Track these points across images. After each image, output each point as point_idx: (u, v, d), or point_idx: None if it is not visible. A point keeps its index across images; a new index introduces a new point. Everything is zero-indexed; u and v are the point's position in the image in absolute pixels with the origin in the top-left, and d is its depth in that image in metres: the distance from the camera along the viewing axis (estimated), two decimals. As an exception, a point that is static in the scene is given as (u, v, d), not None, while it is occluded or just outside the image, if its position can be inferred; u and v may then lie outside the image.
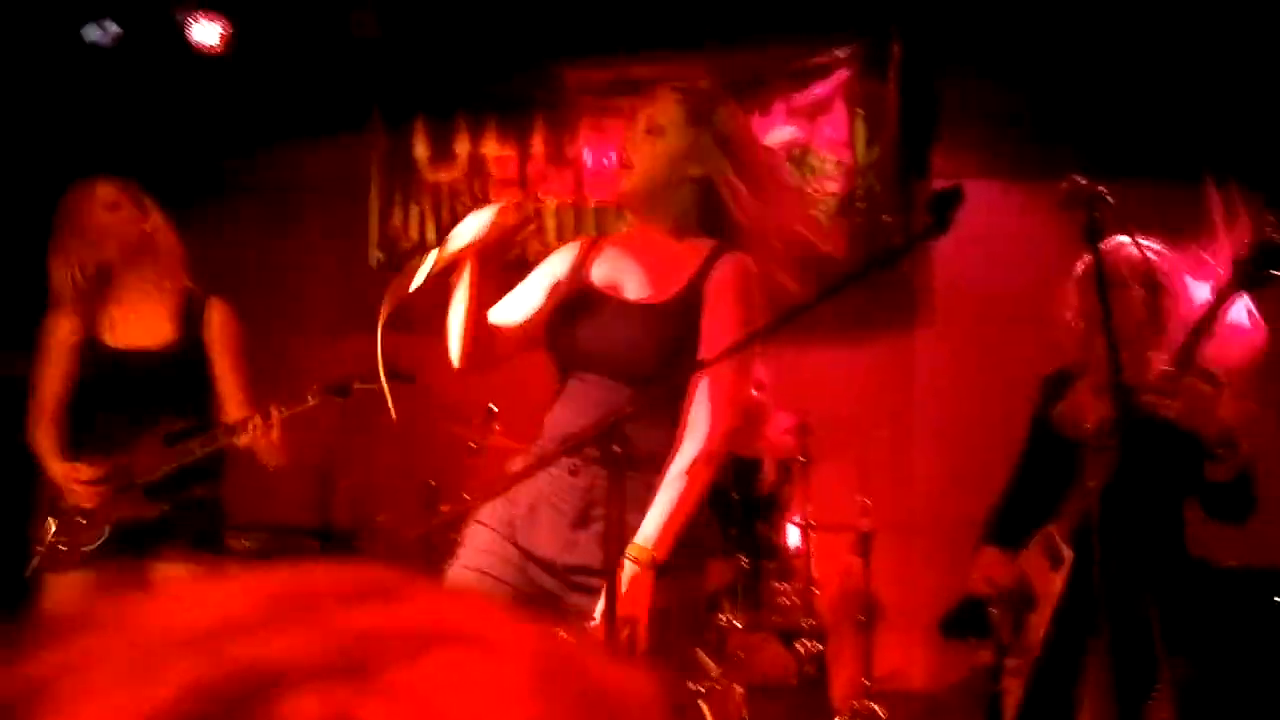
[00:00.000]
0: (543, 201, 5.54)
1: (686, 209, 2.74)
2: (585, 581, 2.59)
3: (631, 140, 2.77)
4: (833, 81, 5.58)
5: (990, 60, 5.33)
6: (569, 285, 2.81)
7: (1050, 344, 3.54)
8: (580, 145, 5.89)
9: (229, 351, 3.72)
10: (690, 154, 2.70)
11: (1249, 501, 3.13)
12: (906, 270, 5.45)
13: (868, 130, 5.54)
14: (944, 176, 5.12)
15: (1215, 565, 4.05)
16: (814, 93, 5.59)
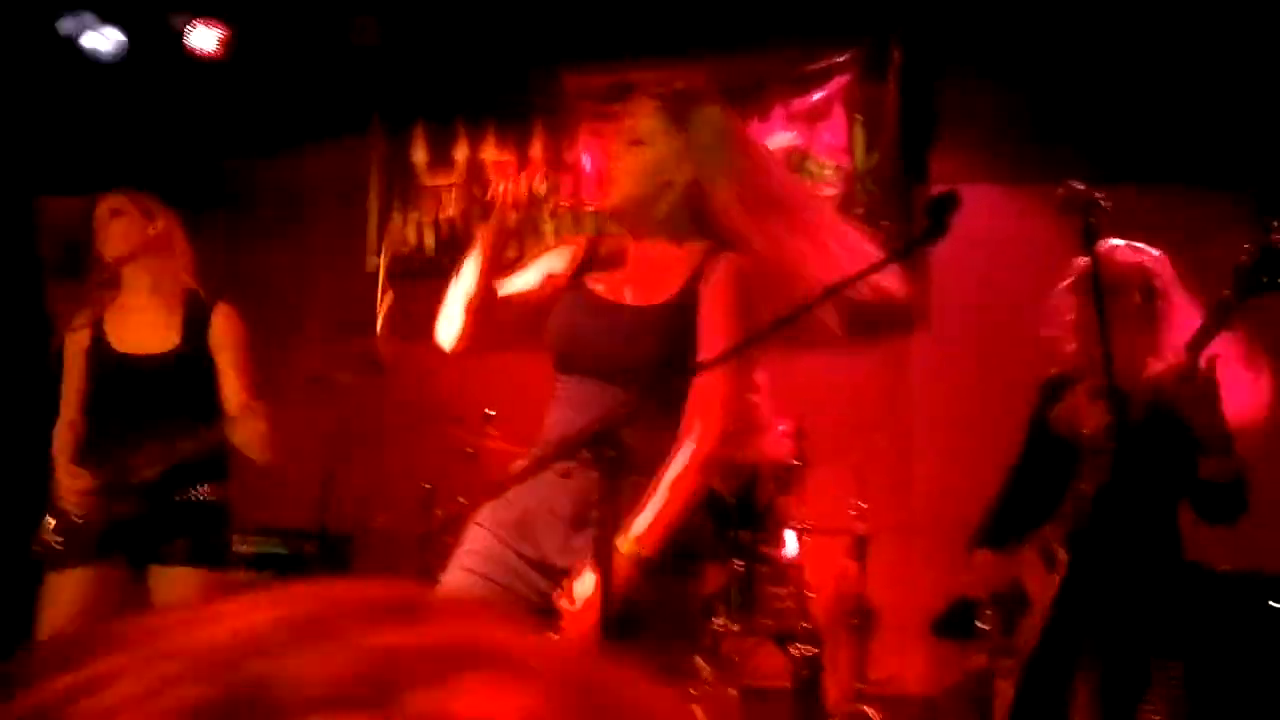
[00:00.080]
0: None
1: (676, 216, 2.72)
2: None
3: (615, 153, 2.76)
4: (832, 87, 5.59)
5: (989, 65, 5.35)
6: (565, 280, 2.82)
7: (1046, 348, 3.55)
8: (579, 150, 5.90)
9: (232, 354, 3.74)
10: (673, 162, 2.68)
11: (1240, 503, 3.14)
12: (904, 273, 5.44)
13: (866, 135, 5.55)
14: (943, 181, 5.13)
15: (1211, 570, 4.06)
16: (813, 98, 5.61)
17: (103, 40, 5.49)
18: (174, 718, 0.39)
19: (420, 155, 6.09)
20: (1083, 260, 3.06)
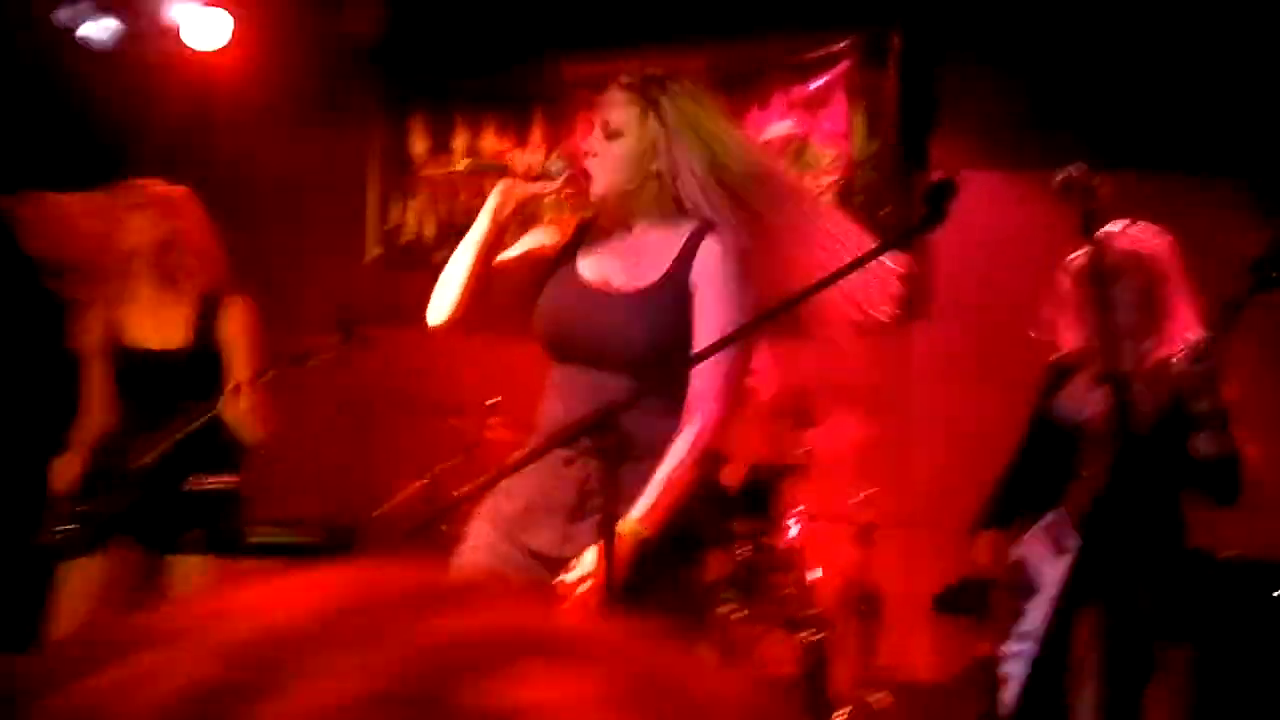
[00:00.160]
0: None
1: (661, 201, 2.71)
2: None
3: (593, 147, 2.75)
4: (832, 74, 5.57)
5: (989, 51, 5.32)
6: (552, 260, 2.81)
7: (1043, 332, 3.54)
8: (578, 139, 5.89)
9: (242, 348, 3.76)
10: (652, 151, 2.67)
11: (1235, 483, 3.13)
12: (906, 261, 5.43)
13: (867, 122, 5.53)
14: (943, 168, 5.11)
15: (1216, 556, 4.05)
16: (813, 85, 5.58)
17: (99, 29, 5.49)
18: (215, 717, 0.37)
19: (419, 144, 6.08)
20: (1085, 246, 3.05)
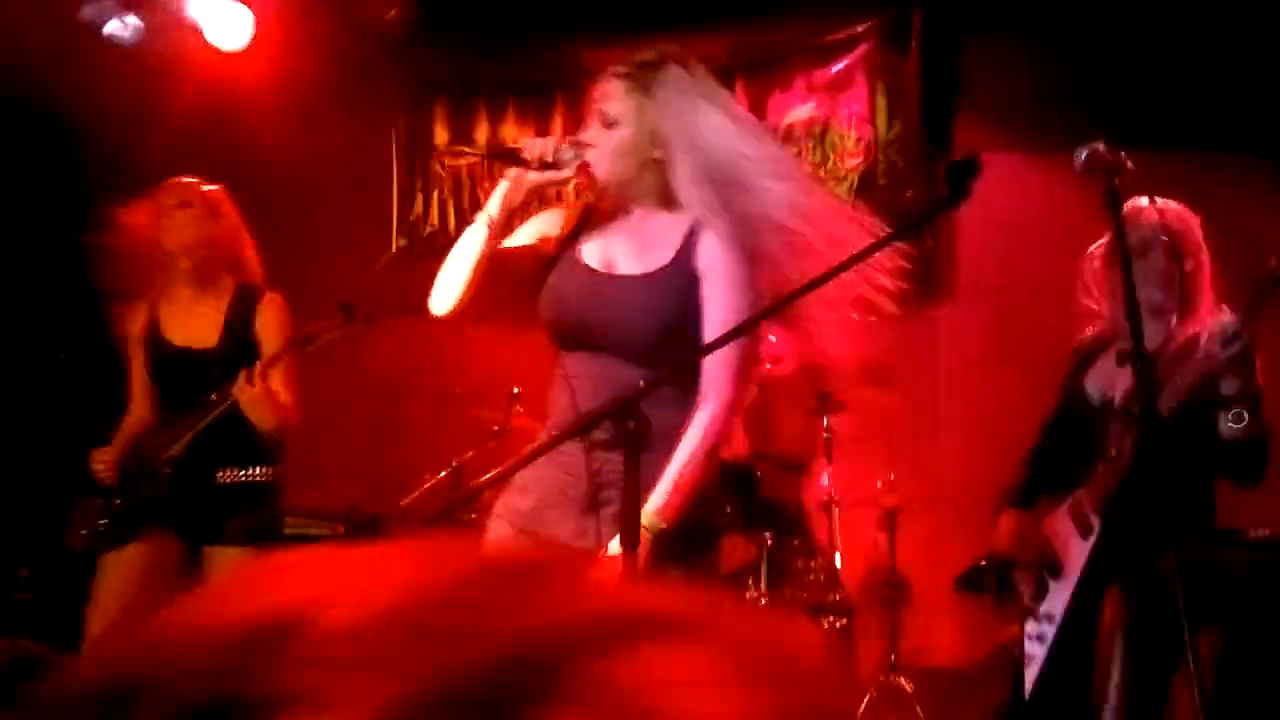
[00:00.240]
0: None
1: (661, 188, 2.68)
2: None
3: (591, 137, 2.72)
4: (853, 57, 5.55)
5: (1011, 32, 5.29)
6: (558, 245, 2.79)
7: (1083, 317, 3.52)
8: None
9: (275, 344, 3.78)
10: (649, 139, 2.65)
11: (1262, 462, 3.10)
12: (930, 244, 5.41)
13: (889, 105, 5.50)
14: (966, 151, 5.08)
15: (1246, 536, 4.02)
16: (834, 68, 5.57)
17: (122, 27, 5.52)
18: None
19: (441, 134, 6.08)
20: (1109, 223, 3.03)
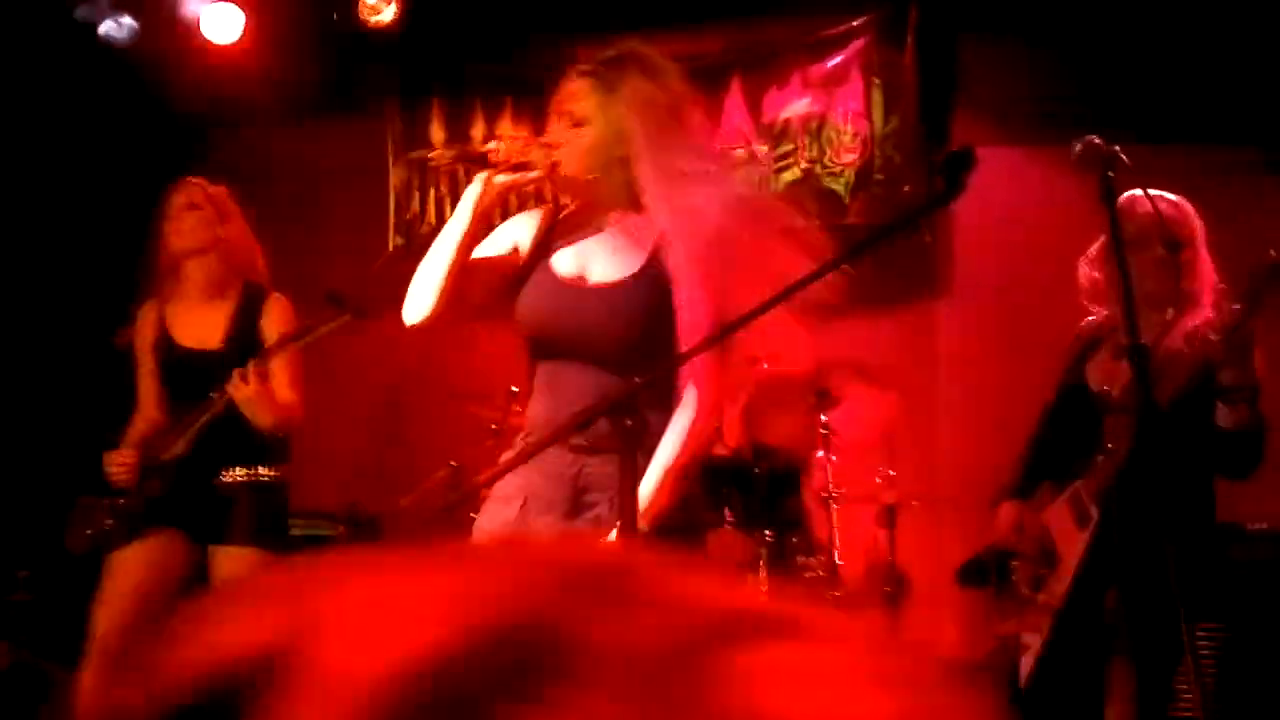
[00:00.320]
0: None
1: (629, 186, 2.65)
2: None
3: (558, 137, 2.69)
4: (849, 51, 5.53)
5: (1007, 26, 5.27)
6: (530, 256, 2.77)
7: (1073, 310, 3.51)
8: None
9: None
10: (616, 137, 2.62)
11: (1254, 457, 3.09)
12: (928, 240, 5.40)
13: (885, 100, 5.49)
14: (962, 145, 5.05)
15: (1246, 529, 4.01)
16: (830, 63, 5.55)
17: (117, 27, 5.51)
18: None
19: (437, 132, 6.07)
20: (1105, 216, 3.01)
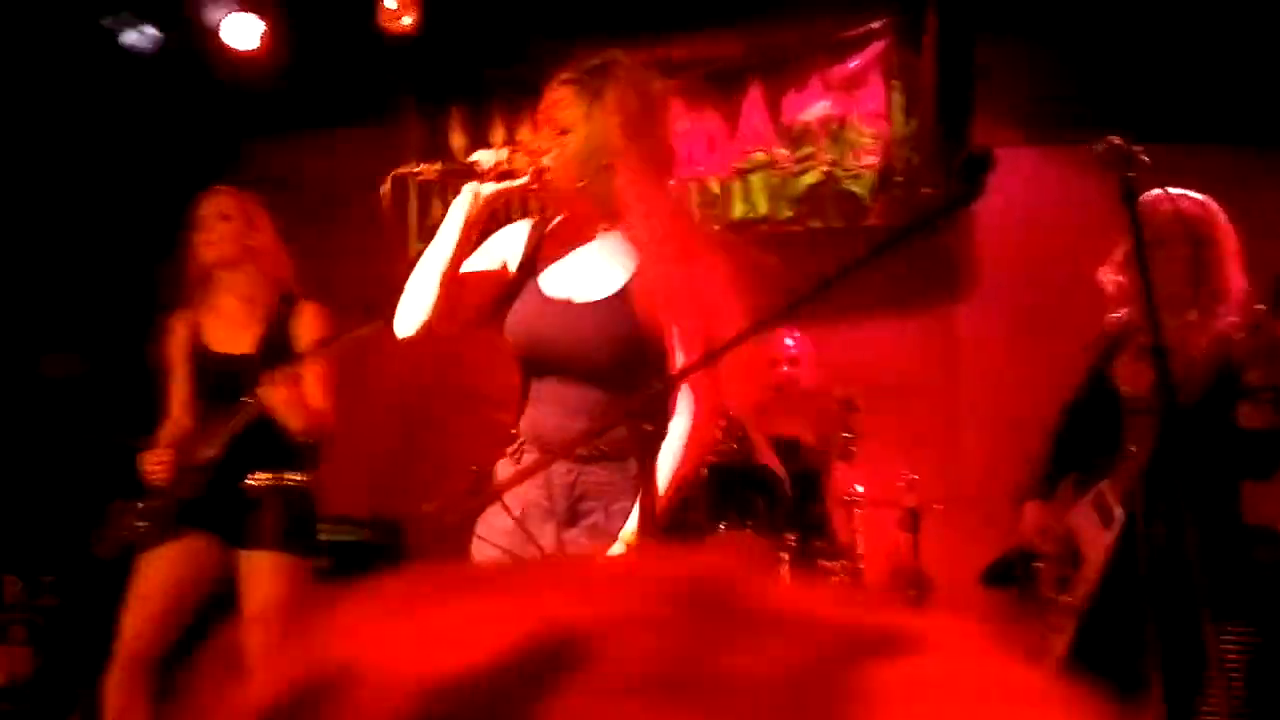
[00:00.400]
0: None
1: (613, 195, 2.66)
2: None
3: (545, 145, 2.70)
4: (868, 54, 5.52)
5: (1026, 27, 5.25)
6: (519, 272, 2.78)
7: (1094, 310, 3.49)
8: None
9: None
10: (601, 145, 2.63)
11: (1277, 458, 3.07)
12: (948, 241, 5.38)
13: (905, 102, 5.47)
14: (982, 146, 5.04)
15: (1276, 530, 3.98)
16: (850, 66, 5.54)
17: (141, 36, 5.54)
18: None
19: (458, 139, 6.08)
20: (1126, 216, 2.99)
